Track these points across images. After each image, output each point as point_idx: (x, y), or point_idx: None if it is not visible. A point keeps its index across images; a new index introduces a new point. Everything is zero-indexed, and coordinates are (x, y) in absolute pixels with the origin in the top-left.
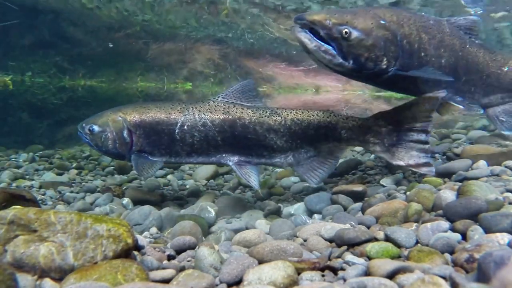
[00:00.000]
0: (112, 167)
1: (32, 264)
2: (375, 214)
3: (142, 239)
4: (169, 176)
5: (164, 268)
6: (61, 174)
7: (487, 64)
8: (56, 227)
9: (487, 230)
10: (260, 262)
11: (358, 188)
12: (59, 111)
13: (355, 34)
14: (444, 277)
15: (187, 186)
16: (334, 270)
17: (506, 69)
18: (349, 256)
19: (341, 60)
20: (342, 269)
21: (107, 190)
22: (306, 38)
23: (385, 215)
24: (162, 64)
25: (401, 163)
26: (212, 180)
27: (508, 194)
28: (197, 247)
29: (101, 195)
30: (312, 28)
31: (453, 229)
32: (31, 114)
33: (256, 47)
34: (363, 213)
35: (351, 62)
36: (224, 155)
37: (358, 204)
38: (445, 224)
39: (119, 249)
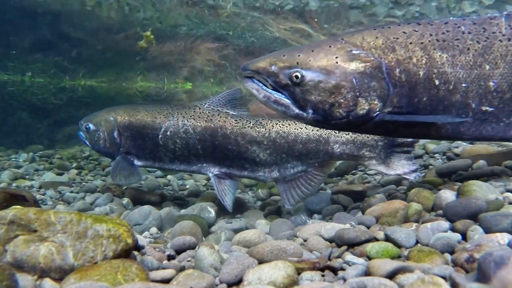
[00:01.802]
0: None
1: (32, 264)
2: (375, 214)
3: (142, 239)
4: (169, 176)
5: (164, 268)
6: (61, 174)
7: None
8: (56, 227)
9: (487, 230)
10: (260, 262)
11: (358, 188)
12: (59, 111)
13: (309, 76)
14: (444, 277)
15: (187, 186)
16: (334, 270)
17: None
18: (349, 256)
19: (297, 111)
20: (342, 269)
21: (107, 190)
22: (254, 88)
23: (385, 215)
24: (162, 64)
25: (397, 172)
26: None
27: (508, 194)
28: (197, 247)
29: (101, 195)
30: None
31: (453, 229)
32: (31, 114)
33: (256, 45)
34: (363, 213)
35: (311, 112)
36: (204, 164)
37: (358, 204)
38: (445, 224)
39: (119, 249)
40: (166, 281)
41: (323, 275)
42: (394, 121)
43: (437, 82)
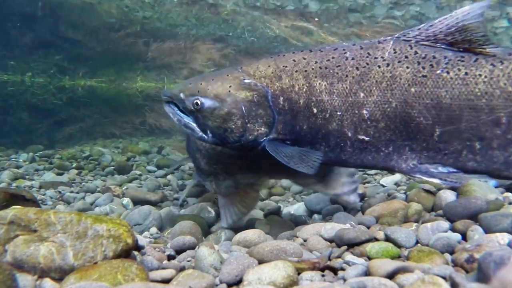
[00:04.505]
0: (112, 167)
1: (32, 264)
2: (375, 214)
3: (142, 239)
4: (169, 176)
5: (164, 268)
6: (61, 174)
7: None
8: (56, 227)
9: (487, 230)
10: (260, 262)
11: (358, 190)
12: (59, 111)
13: (206, 103)
14: (444, 277)
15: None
16: (334, 270)
17: None
18: (349, 256)
19: (200, 134)
20: (342, 269)
21: (107, 190)
22: (170, 112)
23: (385, 215)
24: (162, 63)
25: (337, 192)
26: None
27: (508, 194)
28: (197, 247)
29: (101, 195)
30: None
31: (453, 229)
32: (31, 114)
33: (256, 45)
34: (363, 213)
35: (210, 135)
36: None
37: (358, 204)
38: (445, 224)
39: (119, 249)
40: (166, 281)
41: (323, 275)
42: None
43: (315, 110)
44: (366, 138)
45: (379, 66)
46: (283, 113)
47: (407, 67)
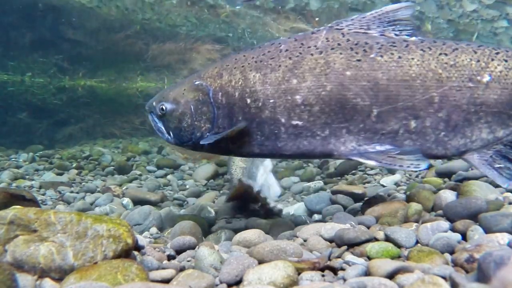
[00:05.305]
0: (112, 167)
1: (32, 264)
2: (375, 214)
3: (142, 239)
4: (169, 176)
5: (164, 268)
6: (61, 174)
7: (440, 75)
8: (56, 227)
9: (487, 230)
10: (260, 262)
11: (358, 190)
12: (59, 111)
13: (168, 107)
14: (444, 277)
15: (187, 186)
16: (334, 270)
17: (486, 77)
18: (349, 256)
19: (167, 136)
20: (342, 269)
21: (107, 190)
22: (151, 120)
23: (385, 215)
24: (162, 64)
25: None
26: (212, 180)
27: (508, 194)
28: (197, 247)
29: (101, 195)
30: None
31: (453, 229)
32: (31, 114)
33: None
34: (363, 213)
35: (172, 136)
36: None
37: (358, 204)
38: (445, 224)
39: (119, 249)
40: (166, 281)
41: (323, 275)
42: (220, 140)
43: (248, 101)
44: (300, 123)
45: (311, 54)
46: (221, 107)
47: (341, 53)
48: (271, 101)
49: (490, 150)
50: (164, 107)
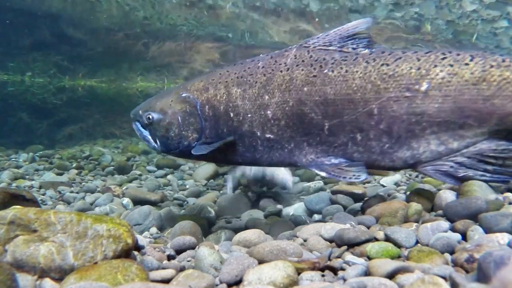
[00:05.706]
0: (112, 167)
1: (32, 264)
2: (375, 214)
3: (142, 239)
4: (169, 176)
5: (164, 268)
6: (61, 174)
7: (382, 84)
8: (56, 227)
9: (487, 230)
10: (260, 262)
11: (358, 190)
12: (59, 111)
13: (155, 117)
14: (444, 277)
15: (187, 186)
16: (334, 270)
17: (424, 86)
18: (349, 256)
19: (153, 144)
20: (342, 269)
21: (107, 190)
22: (136, 129)
23: (385, 215)
24: (162, 64)
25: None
26: (212, 180)
27: (508, 194)
28: (197, 247)
29: (101, 195)
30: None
31: (453, 229)
32: (31, 114)
33: (256, 47)
34: (363, 213)
35: (159, 144)
36: None
37: (358, 204)
38: (445, 224)
39: (119, 249)
40: (166, 281)
41: (323, 275)
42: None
43: (231, 115)
44: (272, 136)
45: (281, 71)
46: (208, 120)
47: (302, 69)
48: (249, 115)
49: (448, 162)
50: (151, 117)
